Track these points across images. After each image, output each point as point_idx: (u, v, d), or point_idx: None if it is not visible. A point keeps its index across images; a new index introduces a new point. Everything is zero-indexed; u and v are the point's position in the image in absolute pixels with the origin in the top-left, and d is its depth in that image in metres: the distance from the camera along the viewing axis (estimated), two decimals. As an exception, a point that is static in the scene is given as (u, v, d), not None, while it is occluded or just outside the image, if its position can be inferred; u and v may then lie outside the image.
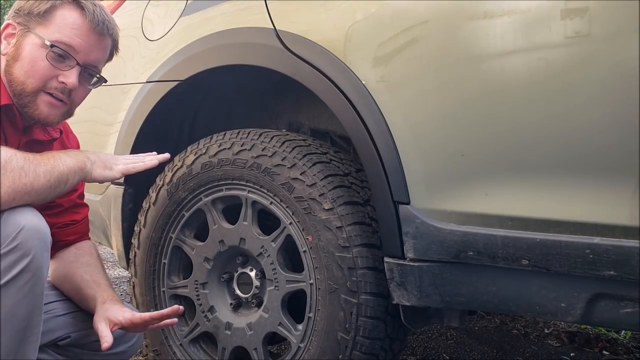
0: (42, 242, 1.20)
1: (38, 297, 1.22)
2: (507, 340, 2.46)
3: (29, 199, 1.20)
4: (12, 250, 1.16)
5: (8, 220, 1.17)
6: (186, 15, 1.83)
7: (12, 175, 1.17)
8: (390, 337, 1.53)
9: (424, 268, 1.37)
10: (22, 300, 1.18)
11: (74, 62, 1.32)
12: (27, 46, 1.30)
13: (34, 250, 1.18)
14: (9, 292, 1.17)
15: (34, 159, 1.22)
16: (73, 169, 1.28)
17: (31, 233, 1.18)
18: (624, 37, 1.13)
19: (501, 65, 1.26)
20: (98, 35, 1.35)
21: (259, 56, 1.63)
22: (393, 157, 1.39)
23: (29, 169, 1.19)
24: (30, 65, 1.29)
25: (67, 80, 1.31)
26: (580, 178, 1.20)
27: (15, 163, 1.18)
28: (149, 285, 1.82)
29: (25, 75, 1.30)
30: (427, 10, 1.35)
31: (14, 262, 1.16)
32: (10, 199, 1.17)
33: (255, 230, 1.64)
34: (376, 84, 1.41)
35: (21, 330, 1.20)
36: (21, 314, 1.19)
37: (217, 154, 1.66)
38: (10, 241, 1.16)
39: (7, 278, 1.16)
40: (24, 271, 1.17)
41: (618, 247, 1.15)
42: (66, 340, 1.45)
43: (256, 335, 1.63)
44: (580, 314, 1.23)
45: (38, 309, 1.23)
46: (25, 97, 1.31)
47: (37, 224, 1.20)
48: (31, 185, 1.19)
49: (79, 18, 1.32)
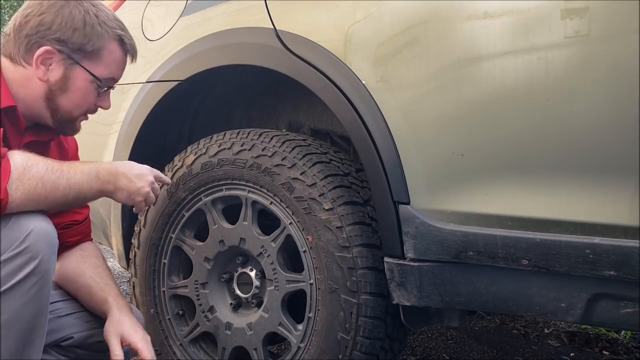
0: (50, 246, 1.20)
1: (44, 300, 1.22)
2: (507, 340, 2.46)
3: (40, 208, 1.21)
4: (20, 253, 1.16)
5: (17, 223, 1.17)
6: (186, 15, 1.83)
7: (28, 183, 1.17)
8: (390, 337, 1.53)
9: (424, 268, 1.37)
10: (28, 303, 1.19)
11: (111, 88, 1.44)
12: (78, 80, 1.35)
13: (41, 254, 1.18)
14: (16, 295, 1.17)
15: (58, 170, 1.22)
16: (94, 189, 1.30)
17: (39, 236, 1.18)
18: (624, 37, 1.13)
19: (501, 65, 1.26)
20: (129, 61, 1.47)
21: (259, 56, 1.63)
22: (393, 157, 1.39)
23: (49, 180, 1.20)
24: (81, 99, 1.38)
25: (105, 104, 1.43)
26: (580, 178, 1.20)
27: (35, 172, 1.18)
28: (149, 285, 1.82)
29: (73, 105, 1.37)
30: (427, 10, 1.35)
31: (22, 265, 1.17)
32: (21, 206, 1.17)
33: (255, 230, 1.64)
34: (376, 84, 1.41)
35: (26, 333, 1.21)
36: (27, 316, 1.20)
37: (217, 154, 1.66)
38: (19, 244, 1.16)
39: (15, 281, 1.16)
40: (31, 274, 1.17)
41: (618, 247, 1.15)
42: (69, 341, 1.45)
43: (256, 335, 1.63)
44: (580, 314, 1.23)
45: (43, 311, 1.23)
46: (69, 122, 1.40)
47: (45, 227, 1.20)
48: (45, 197, 1.20)
49: (123, 55, 1.42)
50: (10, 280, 1.16)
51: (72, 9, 1.33)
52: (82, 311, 1.49)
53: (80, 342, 1.46)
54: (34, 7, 1.33)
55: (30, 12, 1.33)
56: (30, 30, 1.31)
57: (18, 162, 1.16)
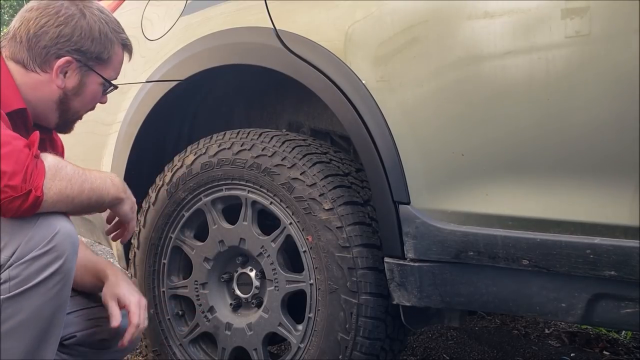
0: (74, 247, 1.24)
1: (64, 299, 1.25)
2: (507, 340, 2.46)
3: (66, 209, 1.24)
4: (47, 252, 1.19)
5: (45, 224, 1.20)
6: (186, 15, 1.83)
7: (60, 184, 1.20)
8: (391, 337, 1.53)
9: (424, 268, 1.37)
10: (49, 302, 1.21)
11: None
12: (91, 85, 1.43)
13: (66, 254, 1.22)
14: (39, 292, 1.20)
15: (83, 174, 1.26)
16: (111, 196, 1.34)
17: (65, 237, 1.22)
18: (624, 37, 1.13)
19: (501, 64, 1.26)
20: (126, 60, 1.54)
21: (259, 56, 1.63)
22: (393, 157, 1.39)
23: (76, 182, 1.24)
24: (91, 101, 1.47)
25: (103, 101, 1.52)
26: (580, 178, 1.20)
27: (64, 173, 1.22)
28: (149, 286, 1.82)
29: (82, 106, 1.46)
30: (427, 10, 1.35)
31: (48, 264, 1.20)
32: (52, 205, 1.20)
33: (255, 231, 1.63)
34: (376, 83, 1.41)
35: (43, 331, 1.23)
36: (46, 314, 1.22)
37: (217, 154, 1.66)
38: (47, 243, 1.19)
39: (40, 279, 1.19)
40: (55, 273, 1.20)
41: (618, 247, 1.15)
42: (72, 340, 1.46)
43: (256, 336, 1.63)
44: (581, 314, 1.23)
45: (62, 310, 1.26)
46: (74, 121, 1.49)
47: (70, 228, 1.24)
48: (73, 198, 1.23)
49: (123, 56, 1.50)
50: (36, 278, 1.19)
51: (88, 20, 1.39)
52: (84, 309, 1.50)
53: (83, 340, 1.47)
54: (50, 17, 1.37)
55: (46, 22, 1.36)
56: (50, 41, 1.36)
57: (51, 163, 1.20)
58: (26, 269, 1.18)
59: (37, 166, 1.17)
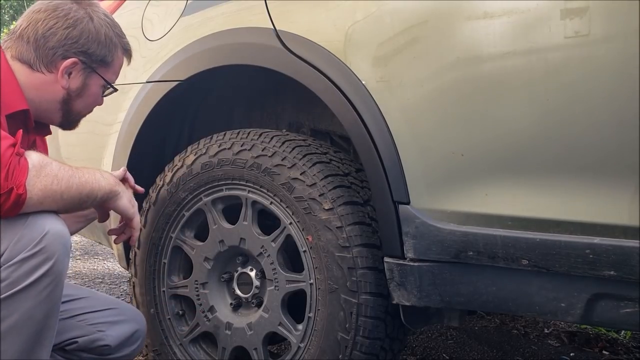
0: (65, 248, 1.23)
1: (56, 302, 1.24)
2: (507, 340, 2.46)
3: (56, 206, 1.24)
4: (36, 253, 1.18)
5: (33, 224, 1.19)
6: (186, 15, 1.83)
7: (45, 180, 1.20)
8: (390, 337, 1.53)
9: (424, 268, 1.37)
10: (40, 304, 1.20)
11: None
12: (93, 86, 1.47)
13: (56, 255, 1.20)
14: (29, 295, 1.18)
15: (70, 169, 1.26)
16: (104, 189, 1.34)
17: (55, 238, 1.20)
18: (623, 37, 1.13)
19: (501, 65, 1.26)
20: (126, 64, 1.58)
21: (259, 56, 1.63)
22: (393, 157, 1.39)
23: (63, 177, 1.23)
24: (93, 102, 1.51)
25: (100, 102, 1.54)
26: (580, 178, 1.20)
27: (49, 170, 1.21)
28: (149, 285, 1.82)
29: (84, 107, 1.50)
30: (427, 10, 1.36)
31: (37, 265, 1.18)
32: (38, 203, 1.19)
33: (255, 230, 1.64)
34: (376, 84, 1.41)
35: (36, 333, 1.22)
36: (38, 317, 1.21)
37: (217, 154, 1.66)
38: (36, 244, 1.18)
39: (29, 281, 1.18)
40: (45, 275, 1.19)
41: (618, 247, 1.15)
42: (73, 346, 1.44)
43: (256, 335, 1.63)
44: (580, 314, 1.24)
45: (54, 313, 1.25)
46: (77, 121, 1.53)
47: (60, 229, 1.22)
48: (61, 194, 1.23)
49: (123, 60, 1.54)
50: (25, 280, 1.18)
51: (95, 24, 1.43)
52: (86, 313, 1.49)
53: (85, 346, 1.45)
54: (59, 19, 1.39)
55: (55, 24, 1.39)
56: (57, 43, 1.39)
57: (35, 160, 1.20)
58: (15, 271, 1.17)
59: (20, 164, 1.16)
